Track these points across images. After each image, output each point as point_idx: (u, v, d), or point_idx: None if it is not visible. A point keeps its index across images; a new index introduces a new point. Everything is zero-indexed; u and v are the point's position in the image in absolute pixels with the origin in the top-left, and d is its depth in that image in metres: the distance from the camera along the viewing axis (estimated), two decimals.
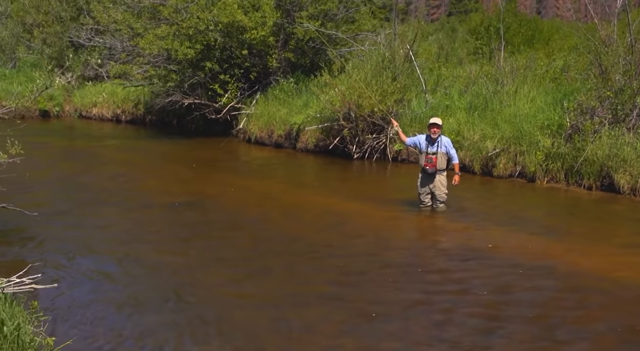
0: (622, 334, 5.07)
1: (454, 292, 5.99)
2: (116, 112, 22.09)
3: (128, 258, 7.10)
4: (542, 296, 5.84)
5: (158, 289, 6.24)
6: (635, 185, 9.42)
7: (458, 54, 18.15)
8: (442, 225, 8.51)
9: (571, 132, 10.34)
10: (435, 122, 8.65)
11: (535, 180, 10.58)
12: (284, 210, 9.22)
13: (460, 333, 5.10)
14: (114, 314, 5.61)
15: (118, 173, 12.29)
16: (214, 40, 15.90)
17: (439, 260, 7.10)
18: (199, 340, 5.10)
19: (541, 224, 8.31)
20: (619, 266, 6.58)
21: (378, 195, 10.27)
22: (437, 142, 8.61)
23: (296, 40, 16.15)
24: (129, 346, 4.99)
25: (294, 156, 14.31)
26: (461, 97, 13.11)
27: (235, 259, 7.07)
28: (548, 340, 4.99)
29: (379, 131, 13.16)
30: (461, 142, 11.54)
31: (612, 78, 10.29)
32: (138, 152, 15.30)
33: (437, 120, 8.70)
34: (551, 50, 15.19)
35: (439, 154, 8.59)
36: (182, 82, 16.67)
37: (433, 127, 8.60)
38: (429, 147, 8.65)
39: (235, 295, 6.05)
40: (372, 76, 13.06)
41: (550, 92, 11.99)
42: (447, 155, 8.66)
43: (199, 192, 10.53)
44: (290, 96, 15.64)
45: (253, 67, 16.36)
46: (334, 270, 6.67)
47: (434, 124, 8.62)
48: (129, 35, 17.85)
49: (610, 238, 7.57)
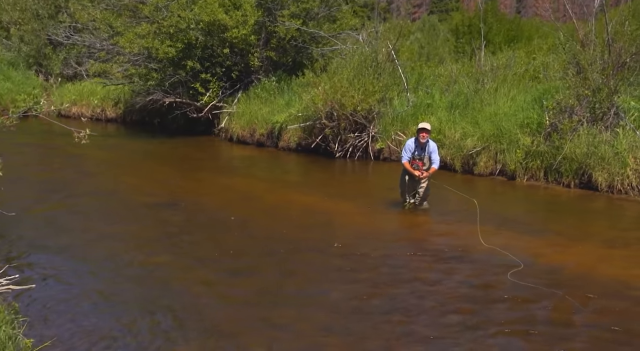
0: (601, 329, 5.14)
1: (434, 290, 6.02)
2: (96, 111, 21.88)
3: (107, 258, 7.04)
4: (522, 292, 5.90)
5: (137, 289, 6.19)
6: (613, 182, 9.55)
7: (439, 53, 18.26)
8: (424, 223, 8.56)
9: (550, 131, 10.46)
10: (424, 126, 8.63)
11: (515, 178, 10.69)
12: (266, 209, 9.21)
13: (442, 330, 5.13)
14: (92, 314, 5.55)
15: (98, 173, 12.18)
16: (195, 38, 15.82)
17: (420, 257, 7.13)
18: (178, 340, 5.07)
19: (521, 221, 8.39)
20: (597, 262, 6.66)
21: (360, 193, 10.30)
22: (425, 147, 8.62)
23: (278, 39, 16.13)
24: (108, 347, 4.95)
25: (276, 155, 14.29)
26: (442, 96, 13.19)
27: (216, 258, 7.04)
28: (528, 335, 5.04)
29: (361, 130, 13.19)
30: (442, 140, 11.61)
31: (589, 77, 10.42)
32: (118, 151, 15.18)
33: (426, 125, 8.70)
34: (531, 50, 15.32)
35: (425, 159, 8.62)
36: (163, 80, 16.57)
37: (422, 132, 8.56)
38: (416, 151, 8.65)
39: (216, 294, 6.03)
40: (354, 75, 13.10)
41: (530, 90, 12.11)
42: (430, 160, 8.65)
43: (180, 191, 10.48)
44: (272, 95, 15.62)
45: (235, 65, 16.30)
46: (316, 268, 6.68)
47: (422, 129, 8.58)
48: (109, 34, 17.70)
49: (589, 235, 7.66)
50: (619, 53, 10.38)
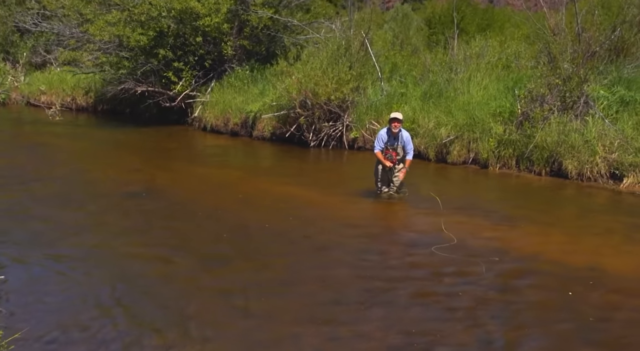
0: (571, 316, 5.24)
1: (409, 278, 6.08)
2: (66, 100, 21.49)
3: (81, 249, 6.94)
4: (493, 279, 5.99)
5: (110, 279, 6.12)
6: (582, 170, 9.72)
7: (413, 43, 18.31)
8: (398, 212, 8.61)
9: (522, 119, 10.59)
10: (396, 116, 8.65)
11: (488, 166, 10.81)
12: (241, 199, 9.17)
13: (417, 319, 5.18)
14: (67, 306, 5.48)
15: (69, 163, 11.98)
16: (167, 26, 15.61)
17: (395, 246, 7.19)
18: (156, 330, 5.03)
19: (493, 209, 8.50)
20: (566, 249, 6.79)
21: (335, 182, 10.31)
22: (398, 137, 8.65)
23: (251, 28, 16.02)
24: (83, 338, 4.89)
25: (251, 144, 14.23)
26: (416, 85, 13.24)
27: (190, 248, 7.00)
28: (499, 323, 5.12)
29: (335, 119, 13.19)
30: (416, 129, 11.67)
31: (560, 66, 10.56)
32: (90, 141, 14.95)
33: (398, 115, 8.72)
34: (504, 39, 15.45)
35: (398, 149, 8.65)
36: (134, 69, 16.34)
37: (394, 122, 8.59)
38: (389, 141, 8.69)
39: (192, 284, 5.99)
40: (328, 64, 13.07)
41: (502, 79, 12.23)
42: (404, 150, 8.70)
43: (154, 182, 10.37)
44: (246, 84, 15.52)
45: (208, 54, 16.14)
46: (292, 257, 6.68)
47: (394, 119, 8.60)
48: (78, 21, 17.36)
49: (559, 222, 7.80)
50: (589, 42, 10.54)
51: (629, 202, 8.83)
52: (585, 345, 4.72)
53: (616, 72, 10.87)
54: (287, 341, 4.84)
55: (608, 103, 10.37)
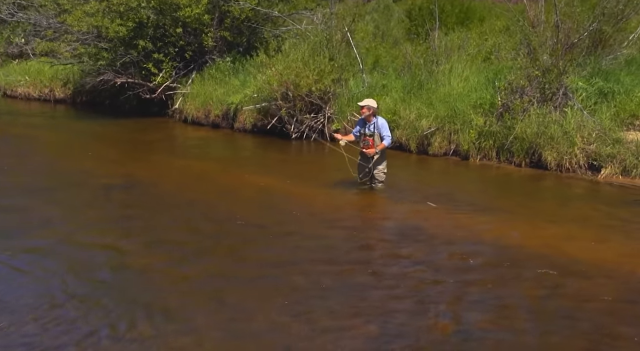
0: (547, 305, 5.31)
1: (389, 268, 6.11)
2: (44, 91, 21.19)
3: (59, 242, 6.87)
4: (471, 269, 6.04)
5: (89, 272, 6.07)
6: (562, 161, 9.82)
7: (394, 34, 18.30)
8: (379, 203, 8.64)
9: (502, 111, 10.66)
10: (361, 104, 8.77)
11: (468, 158, 10.88)
12: (222, 191, 9.14)
13: (396, 307, 5.22)
14: (43, 300, 5.42)
15: (44, 154, 11.83)
16: (146, 17, 15.44)
17: (375, 237, 7.22)
18: (133, 323, 5.00)
19: (474, 201, 8.57)
20: (545, 240, 6.87)
21: (316, 174, 10.31)
22: (373, 124, 8.68)
23: (232, 19, 15.89)
24: (59, 333, 4.84)
25: (232, 136, 14.16)
26: (397, 77, 13.26)
27: (171, 241, 6.96)
28: (477, 311, 5.18)
29: (316, 111, 13.17)
30: (397, 121, 11.70)
31: (539, 58, 10.64)
32: (68, 133, 14.77)
33: (365, 102, 8.75)
34: (484, 31, 15.52)
35: (375, 136, 8.67)
36: (114, 60, 16.13)
37: (361, 109, 8.73)
38: (363, 129, 8.74)
39: (170, 277, 5.96)
40: (309, 55, 13.03)
41: (482, 71, 12.29)
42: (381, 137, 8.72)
43: (134, 174, 10.27)
44: (227, 76, 15.42)
45: (188, 45, 16.00)
46: (272, 249, 6.67)
47: (361, 106, 8.75)
48: (56, 12, 17.10)
49: (538, 213, 7.88)
50: (568, 34, 10.63)
51: (606, 192, 8.96)
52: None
53: (594, 64, 10.97)
54: (262, 332, 4.84)
55: (587, 94, 10.47)
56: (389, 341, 4.65)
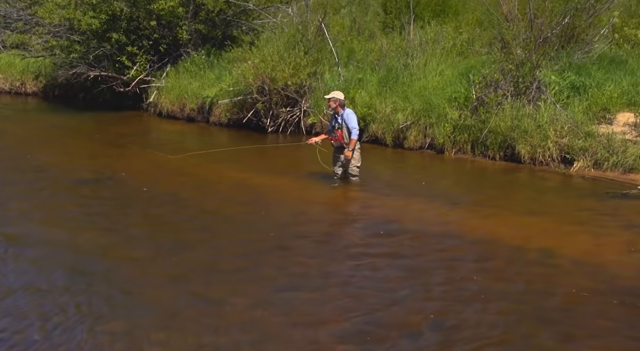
0: (519, 295, 5.39)
1: (366, 262, 6.14)
2: (15, 85, 20.80)
3: (32, 238, 6.78)
4: (447, 261, 6.10)
5: (65, 268, 6.00)
6: (535, 155, 9.94)
7: (370, 27, 18.27)
8: (354, 197, 8.66)
9: (477, 105, 10.74)
10: (327, 96, 8.84)
11: (444, 151, 10.95)
12: (197, 185, 9.08)
13: (372, 300, 5.25)
14: (18, 295, 5.35)
15: (14, 148, 11.60)
16: (119, 10, 15.22)
17: (350, 231, 7.26)
18: (109, 318, 4.97)
19: (448, 194, 8.64)
20: (518, 231, 6.96)
21: (292, 168, 10.28)
22: (341, 116, 8.69)
23: (206, 12, 15.74)
24: (35, 328, 4.79)
25: (207, 130, 14.07)
26: (373, 71, 13.26)
27: (146, 235, 6.91)
28: (452, 301, 5.23)
29: (292, 104, 13.13)
30: (373, 114, 11.73)
31: (513, 52, 10.73)
32: (40, 127, 14.53)
33: (331, 94, 8.79)
34: (459, 24, 15.58)
35: (343, 128, 8.67)
36: (86, 53, 15.88)
37: (328, 102, 8.81)
38: (332, 121, 8.80)
39: (147, 271, 5.92)
40: (284, 49, 12.98)
41: (457, 65, 12.35)
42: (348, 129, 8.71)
43: (109, 168, 10.14)
44: (202, 69, 15.29)
45: (162, 38, 15.81)
46: (248, 243, 6.66)
47: (327, 99, 8.81)
48: (26, 3, 16.77)
49: (511, 206, 7.98)
50: (541, 29, 10.73)
51: (578, 184, 9.09)
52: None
53: (567, 58, 11.10)
54: (244, 326, 4.84)
55: (559, 88, 10.59)
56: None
